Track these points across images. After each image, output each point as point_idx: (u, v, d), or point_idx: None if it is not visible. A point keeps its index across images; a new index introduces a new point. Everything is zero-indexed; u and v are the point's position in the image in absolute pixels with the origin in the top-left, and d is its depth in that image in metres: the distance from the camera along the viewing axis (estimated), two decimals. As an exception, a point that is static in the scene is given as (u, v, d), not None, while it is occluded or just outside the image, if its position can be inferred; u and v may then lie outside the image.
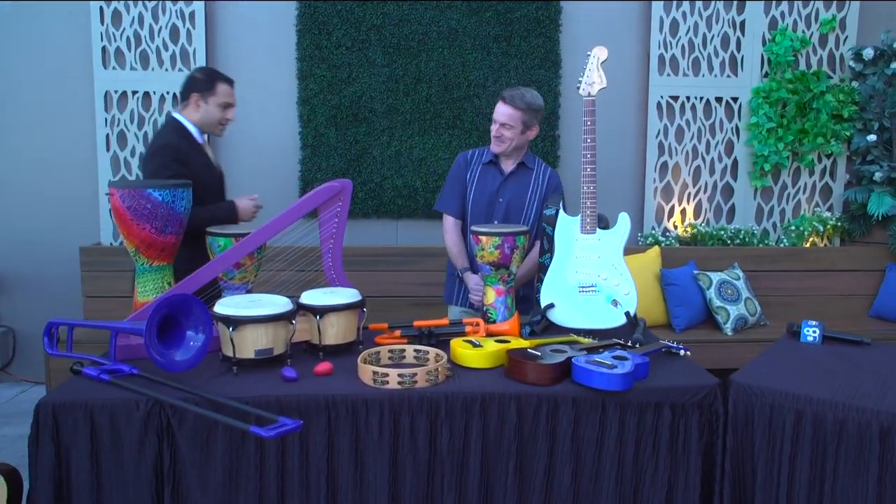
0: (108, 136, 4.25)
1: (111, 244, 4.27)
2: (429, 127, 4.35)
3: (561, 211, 2.60)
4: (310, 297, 2.28)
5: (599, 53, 2.63)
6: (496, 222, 3.03)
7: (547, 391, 2.01)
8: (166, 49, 4.24)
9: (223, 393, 1.92)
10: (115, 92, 4.23)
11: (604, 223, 2.61)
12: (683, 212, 4.59)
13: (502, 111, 2.99)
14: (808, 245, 4.51)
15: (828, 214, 4.54)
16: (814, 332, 2.55)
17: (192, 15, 4.22)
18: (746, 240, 4.43)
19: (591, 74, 2.62)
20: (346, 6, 4.21)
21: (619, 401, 2.02)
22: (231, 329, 2.05)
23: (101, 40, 4.18)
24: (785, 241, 4.53)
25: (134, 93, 4.24)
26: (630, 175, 4.59)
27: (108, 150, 4.25)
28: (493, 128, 3.03)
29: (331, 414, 1.93)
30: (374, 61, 4.27)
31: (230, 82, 3.07)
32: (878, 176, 4.37)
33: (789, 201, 4.64)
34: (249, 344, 2.08)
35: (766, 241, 4.55)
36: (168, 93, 4.23)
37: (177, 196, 2.31)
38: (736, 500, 2.08)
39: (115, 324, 2.15)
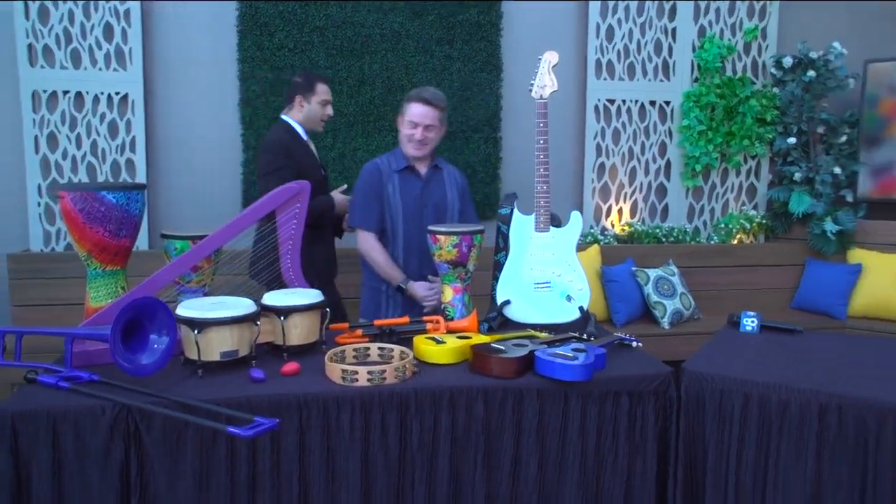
0: (36, 137, 4.09)
1: (41, 251, 4.12)
2: (372, 129, 4.36)
3: (515, 210, 2.67)
4: (273, 299, 2.28)
5: (550, 58, 2.72)
6: (425, 227, 2.84)
7: (512, 384, 2.07)
8: (100, 48, 4.11)
9: (191, 396, 1.90)
10: (44, 92, 4.08)
11: (556, 221, 2.70)
12: (620, 211, 4.75)
13: (426, 113, 2.89)
14: (735, 242, 4.73)
15: (754, 213, 4.78)
16: (752, 322, 2.70)
17: (126, 13, 4.10)
18: (680, 237, 4.62)
19: (542, 78, 2.71)
20: (288, 7, 4.19)
21: (581, 391, 2.10)
22: (196, 332, 2.03)
23: (27, 37, 4.02)
24: (715, 238, 4.75)
25: (65, 93, 4.10)
26: (569, 176, 4.72)
27: (37, 152, 4.09)
28: (414, 131, 2.90)
29: (302, 413, 1.94)
30: (317, 63, 4.26)
31: (327, 81, 3.39)
32: (797, 176, 4.63)
33: (718, 200, 4.87)
34: (215, 346, 2.07)
35: (697, 239, 4.76)
36: (103, 93, 4.11)
37: (131, 199, 2.27)
38: (689, 480, 2.19)
39: (70, 330, 2.10)
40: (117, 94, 4.13)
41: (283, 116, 3.38)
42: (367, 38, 4.29)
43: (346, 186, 3.41)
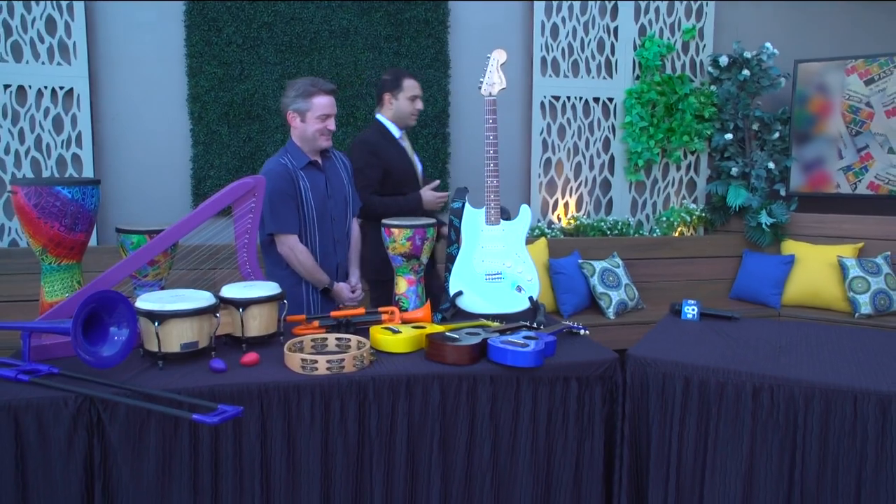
0: (-24, 132, 4.00)
1: (-15, 247, 4.04)
2: (323, 124, 4.39)
3: (467, 204, 2.76)
4: (231, 291, 2.32)
5: (499, 56, 2.81)
6: (333, 219, 2.97)
7: (466, 370, 2.16)
8: (42, 41, 4.04)
9: (152, 386, 1.94)
10: (-16, 85, 4.00)
11: (506, 215, 2.79)
12: (567, 205, 4.89)
13: (332, 103, 2.90)
14: (677, 234, 4.92)
15: (694, 206, 4.98)
16: (692, 309, 2.85)
17: (70, 7, 4.04)
18: (623, 230, 4.78)
19: (491, 76, 2.79)
20: (236, 3, 4.18)
21: (532, 376, 2.20)
22: (156, 324, 2.06)
23: (-34, 30, 3.94)
24: (657, 230, 4.93)
25: (6, 86, 4.02)
26: (517, 171, 4.83)
27: (-23, 147, 4.01)
28: (324, 124, 2.88)
29: (263, 401, 1.99)
30: (267, 59, 4.27)
31: (414, 77, 3.41)
32: (734, 171, 4.83)
33: (660, 194, 5.05)
34: (175, 338, 2.10)
35: (640, 232, 4.93)
36: (46, 87, 4.04)
37: (86, 193, 2.29)
38: (634, 459, 2.32)
39: (28, 324, 2.11)
40: (61, 88, 4.06)
41: (377, 115, 3.44)
42: (316, 35, 4.32)
43: (438, 182, 3.46)
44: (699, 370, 2.22)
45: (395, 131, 3.40)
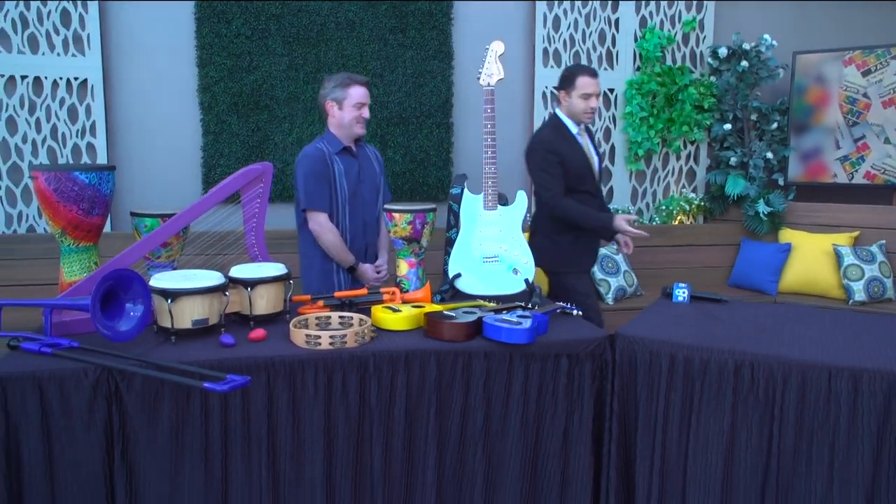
0: (-5, 121, 4.14)
1: (3, 232, 4.18)
2: (329, 114, 4.51)
3: (465, 190, 2.87)
4: (240, 271, 2.44)
5: (497, 47, 2.92)
6: (364, 203, 3.19)
7: (462, 346, 2.28)
8: (57, 33, 4.17)
9: (166, 359, 2.06)
10: (2, 76, 4.12)
11: (504, 200, 2.90)
12: (567, 194, 4.99)
13: (366, 93, 3.17)
14: (676, 223, 5.02)
15: (693, 195, 5.07)
16: (683, 292, 2.95)
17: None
18: (623, 218, 4.89)
19: (489, 66, 2.90)
20: (245, -5, 4.31)
21: (524, 353, 2.32)
22: (169, 301, 2.19)
23: (-17, 22, 4.07)
24: (657, 219, 5.03)
25: (23, 77, 4.15)
26: (519, 160, 4.90)
27: (-4, 136, 4.15)
28: (360, 112, 3.14)
29: (269, 374, 2.12)
30: (274, 50, 4.39)
31: (590, 73, 3.32)
32: (733, 160, 4.93)
33: (660, 183, 5.15)
34: (187, 315, 2.23)
35: (640, 220, 5.03)
36: (61, 78, 4.17)
37: (102, 178, 2.41)
38: (623, 433, 2.43)
39: (50, 301, 2.24)
40: (76, 79, 4.20)
41: (555, 110, 3.44)
42: (323, 27, 4.43)
43: (635, 218, 3.29)
44: (684, 348, 2.33)
45: (573, 127, 3.37)
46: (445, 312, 2.40)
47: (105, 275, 2.07)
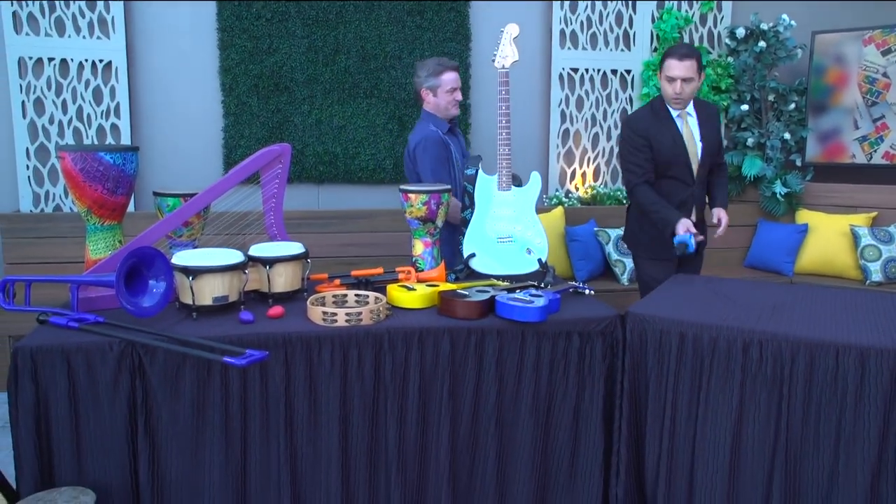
0: (23, 103, 4.24)
1: (31, 211, 4.29)
2: (347, 96, 4.56)
3: (480, 171, 2.91)
4: (259, 250, 2.51)
5: (511, 30, 2.94)
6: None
7: (475, 324, 2.33)
8: (83, 16, 4.25)
9: (187, 335, 2.14)
10: (30, 59, 4.22)
11: (517, 181, 2.94)
12: (584, 174, 5.01)
13: (457, 77, 3.37)
14: (692, 204, 5.01)
15: (709, 176, 5.06)
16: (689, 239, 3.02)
17: (108, -18, 4.25)
18: (640, 200, 4.90)
19: (504, 48, 2.93)
20: (265, -22, 4.35)
21: (536, 330, 2.37)
22: (191, 278, 2.26)
23: (12, 5, 4.15)
24: (672, 200, 5.03)
25: (50, 59, 4.24)
26: (535, 141, 4.96)
27: (24, 116, 4.24)
28: (453, 95, 3.36)
29: (287, 350, 2.19)
30: (294, 32, 4.44)
31: (677, 55, 3.12)
32: (750, 141, 4.91)
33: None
34: (207, 292, 2.30)
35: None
36: (87, 60, 4.25)
37: (126, 159, 2.48)
38: (633, 410, 2.47)
39: (77, 277, 2.32)
40: (101, 61, 4.28)
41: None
42: (342, 9, 4.47)
43: (695, 232, 3.09)
44: (693, 326, 2.37)
45: (673, 110, 3.24)
46: (459, 291, 2.46)
47: (129, 252, 2.14)
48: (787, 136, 4.87)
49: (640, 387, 2.48)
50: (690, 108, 3.27)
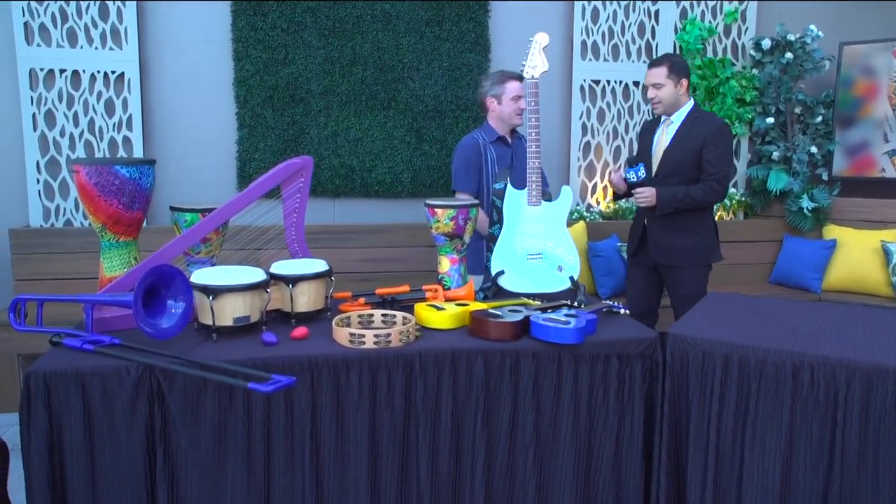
0: (34, 115, 4.15)
1: (41, 226, 4.20)
2: (364, 108, 4.47)
3: (509, 185, 2.80)
4: (281, 268, 2.39)
5: (541, 39, 2.85)
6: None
7: (509, 346, 2.21)
8: (95, 27, 4.17)
9: (208, 358, 2.02)
10: (41, 70, 4.13)
11: (547, 196, 2.83)
12: (605, 188, 4.90)
13: (520, 86, 3.37)
14: (716, 218, 4.89)
15: (734, 190, 4.95)
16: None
17: (121, -7, 4.17)
18: (662, 214, 4.78)
19: (533, 58, 2.83)
20: (281, -12, 4.27)
21: (574, 353, 2.25)
22: (211, 298, 2.15)
23: (23, 16, 4.08)
24: (696, 215, 4.91)
25: (62, 71, 4.16)
26: (556, 154, 4.85)
27: (34, 129, 4.16)
28: (517, 104, 3.38)
29: (314, 373, 2.07)
30: (310, 43, 4.35)
31: (650, 64, 3.46)
32: (775, 155, 4.79)
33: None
34: (228, 312, 2.19)
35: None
36: (99, 72, 4.17)
37: (143, 173, 2.37)
38: (674, 436, 2.35)
39: (92, 297, 2.21)
40: (113, 72, 4.19)
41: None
42: (359, 19, 4.38)
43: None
44: (739, 348, 2.25)
45: (667, 116, 3.47)
46: (491, 311, 2.34)
47: (147, 271, 2.03)
48: (813, 149, 4.75)
49: (681, 411, 2.35)
50: (679, 116, 3.42)
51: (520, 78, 3.33)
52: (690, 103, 3.44)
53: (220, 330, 2.19)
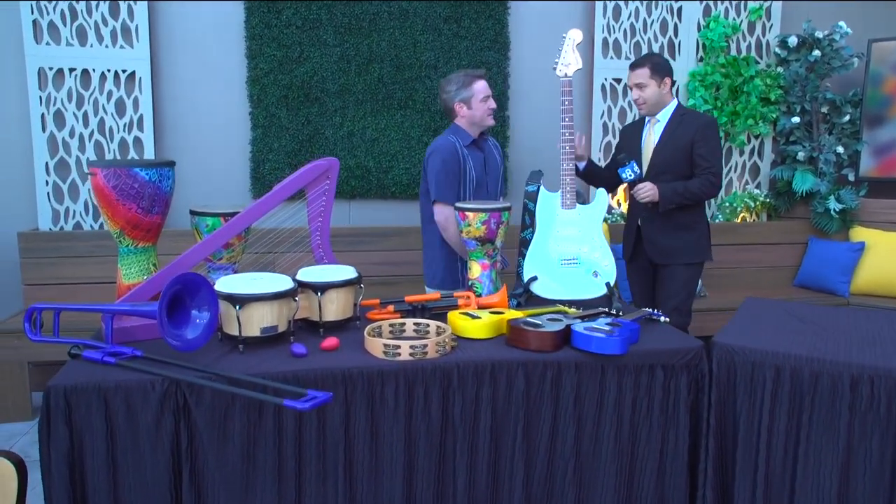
0: (43, 115, 4.04)
1: (50, 229, 4.09)
2: (381, 107, 4.36)
3: (541, 187, 2.69)
4: (308, 275, 2.29)
5: (575, 36, 2.75)
6: (488, 193, 3.24)
7: (551, 357, 2.10)
8: (106, 24, 4.06)
9: (235, 371, 1.92)
10: (50, 69, 4.03)
11: (581, 198, 2.72)
12: (626, 190, 4.78)
13: (486, 85, 3.20)
14: (739, 220, 4.79)
15: (758, 192, 4.84)
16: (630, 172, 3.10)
17: (132, -10, 4.06)
18: (685, 216, 4.67)
19: (567, 55, 2.73)
20: (296, -16, 4.16)
21: (617, 364, 2.14)
22: (237, 307, 2.04)
23: (32, 13, 3.97)
24: (719, 216, 4.80)
25: (71, 70, 4.05)
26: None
27: (44, 130, 4.05)
28: (487, 104, 3.17)
29: (347, 387, 1.96)
30: (326, 41, 4.24)
31: (631, 65, 3.37)
32: (801, 155, 4.68)
33: (722, 179, 4.90)
34: (255, 322, 2.08)
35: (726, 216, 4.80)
36: (109, 70, 4.06)
37: (163, 175, 2.27)
38: (720, 450, 2.24)
39: (112, 306, 2.10)
40: (124, 71, 4.09)
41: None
42: (375, 16, 4.27)
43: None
44: (791, 359, 2.14)
45: (652, 116, 3.38)
46: (530, 320, 2.23)
47: (172, 280, 1.92)
48: (840, 149, 4.63)
49: (728, 424, 2.24)
50: (665, 115, 3.33)
51: (484, 76, 3.21)
52: (674, 102, 3.35)
53: (246, 341, 2.08)
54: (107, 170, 2.19)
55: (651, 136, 3.35)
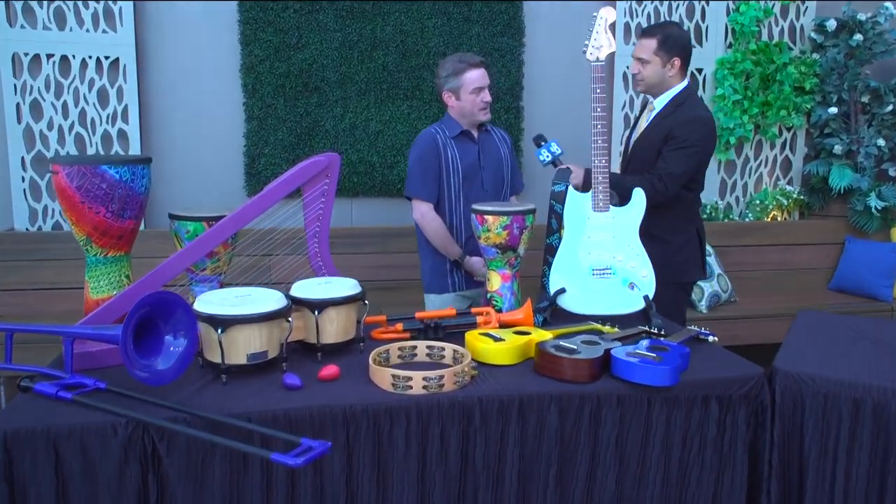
0: (18, 105, 3.73)
1: (27, 230, 3.78)
2: (386, 97, 4.04)
3: (570, 187, 2.37)
4: (303, 290, 1.96)
5: (607, 14, 2.44)
6: (485, 190, 2.95)
7: (588, 389, 1.79)
8: (87, 7, 3.74)
9: (215, 407, 1.61)
10: (26, 55, 3.71)
11: (615, 200, 2.40)
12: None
13: (482, 75, 2.88)
14: (769, 219, 4.46)
15: (790, 188, 4.51)
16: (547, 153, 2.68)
17: (116, -30, 3.74)
18: (713, 214, 4.35)
19: (598, 38, 2.42)
20: (293, -36, 3.84)
21: (665, 396, 1.82)
22: (219, 331, 1.72)
23: (5, -6, 3.65)
24: (749, 215, 4.48)
25: (49, 56, 3.73)
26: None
27: (19, 121, 3.73)
28: (479, 96, 2.86)
29: (349, 428, 1.65)
30: (326, 25, 3.92)
31: (641, 33, 2.91)
32: (837, 149, 4.35)
33: (751, 175, 4.58)
34: (241, 347, 1.77)
35: (730, 216, 4.48)
36: (91, 57, 3.74)
37: (136, 174, 1.96)
38: (785, 495, 1.93)
39: (72, 329, 1.78)
40: (107, 58, 3.77)
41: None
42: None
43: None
44: (873, 390, 1.82)
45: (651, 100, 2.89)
46: (562, 343, 1.91)
47: (140, 300, 1.60)
48: (881, 142, 4.30)
49: (794, 466, 1.93)
50: (661, 102, 2.80)
51: (481, 64, 2.87)
52: (678, 88, 2.78)
53: (230, 369, 1.76)
54: (70, 167, 1.88)
55: (642, 124, 2.89)
